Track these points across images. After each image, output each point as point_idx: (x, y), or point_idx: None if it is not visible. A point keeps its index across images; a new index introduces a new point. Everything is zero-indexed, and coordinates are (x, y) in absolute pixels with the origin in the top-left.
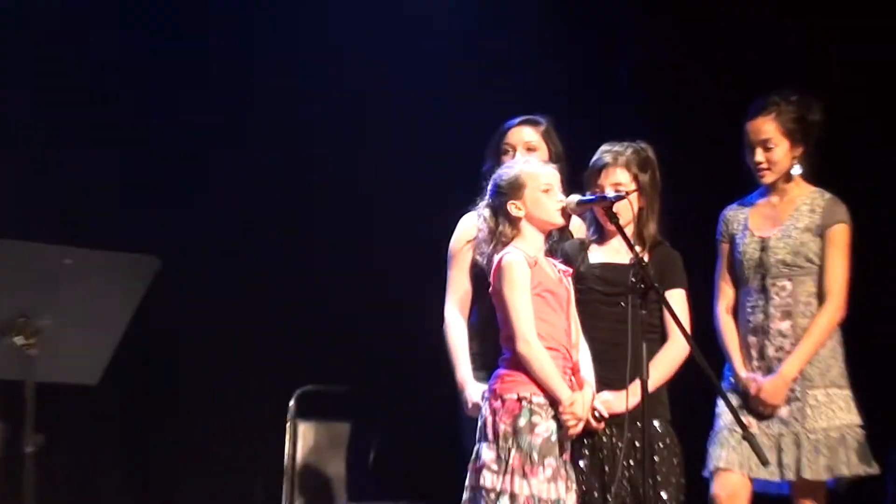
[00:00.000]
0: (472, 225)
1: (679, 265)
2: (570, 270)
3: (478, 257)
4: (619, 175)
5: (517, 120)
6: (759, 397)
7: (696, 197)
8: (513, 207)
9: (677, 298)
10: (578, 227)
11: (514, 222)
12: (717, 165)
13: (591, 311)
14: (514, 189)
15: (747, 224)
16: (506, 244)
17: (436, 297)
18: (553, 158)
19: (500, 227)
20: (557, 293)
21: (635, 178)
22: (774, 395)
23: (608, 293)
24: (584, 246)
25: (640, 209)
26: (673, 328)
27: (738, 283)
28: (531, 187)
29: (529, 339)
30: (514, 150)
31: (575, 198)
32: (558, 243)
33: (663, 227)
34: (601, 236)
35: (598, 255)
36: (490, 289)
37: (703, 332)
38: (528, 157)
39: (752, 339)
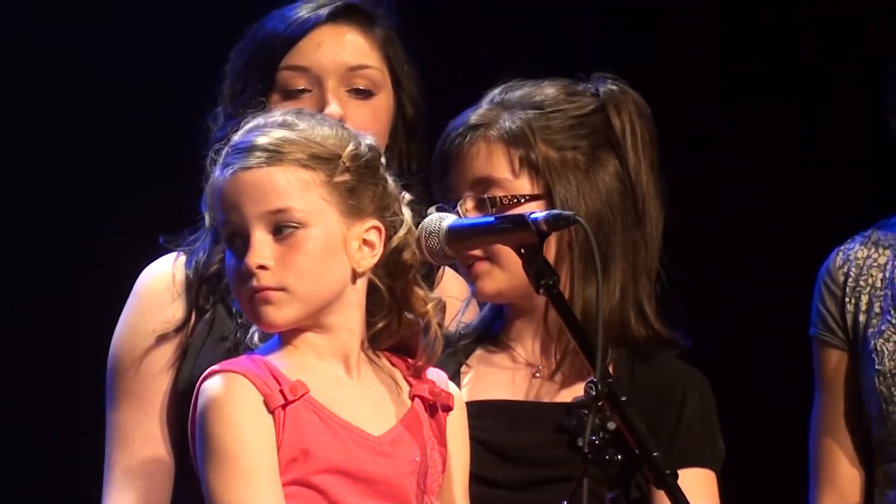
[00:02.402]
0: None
1: (707, 406)
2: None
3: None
4: (483, 167)
5: (320, 11)
6: None
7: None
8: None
9: (698, 488)
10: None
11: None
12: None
13: None
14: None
15: None
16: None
17: None
18: (404, 120)
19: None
20: (379, 477)
21: (542, 167)
22: None
23: (504, 482)
24: (456, 355)
25: (576, 248)
26: None
27: (880, 448)
28: (316, 210)
29: None
30: (311, 86)
31: (444, 220)
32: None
33: (666, 298)
34: (494, 326)
35: (487, 378)
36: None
37: None
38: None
39: None
